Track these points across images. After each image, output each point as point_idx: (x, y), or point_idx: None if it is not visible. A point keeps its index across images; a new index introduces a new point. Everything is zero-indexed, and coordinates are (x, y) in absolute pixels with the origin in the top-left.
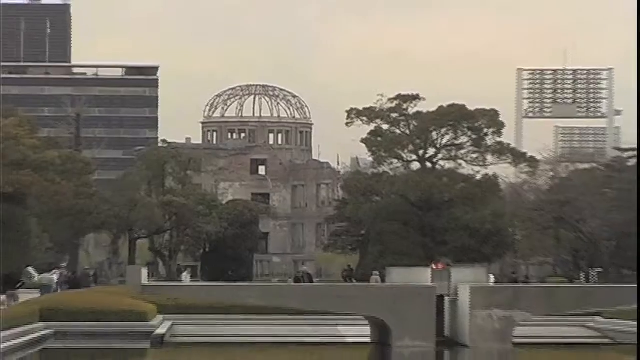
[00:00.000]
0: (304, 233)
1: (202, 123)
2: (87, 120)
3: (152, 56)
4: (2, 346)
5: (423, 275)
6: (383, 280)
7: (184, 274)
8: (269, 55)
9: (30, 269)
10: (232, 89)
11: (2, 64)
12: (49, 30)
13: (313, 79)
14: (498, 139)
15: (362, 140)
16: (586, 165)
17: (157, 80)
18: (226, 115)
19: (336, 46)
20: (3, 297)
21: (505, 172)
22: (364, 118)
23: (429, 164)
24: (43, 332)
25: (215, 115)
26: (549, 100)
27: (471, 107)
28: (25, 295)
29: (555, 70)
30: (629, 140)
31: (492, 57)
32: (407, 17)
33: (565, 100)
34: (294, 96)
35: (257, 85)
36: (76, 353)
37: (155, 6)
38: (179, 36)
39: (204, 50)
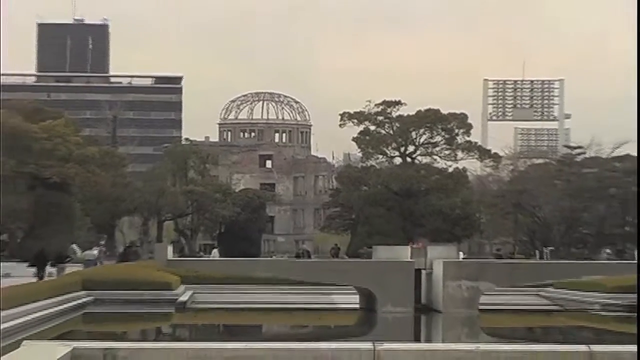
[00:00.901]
0: (304, 217)
1: (219, 124)
2: (121, 121)
3: (176, 68)
4: (53, 310)
5: (404, 253)
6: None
7: (215, 250)
8: (275, 68)
9: (74, 246)
10: (244, 95)
11: (50, 74)
12: (90, 46)
13: (312, 87)
14: (467, 138)
15: (353, 139)
16: (540, 161)
17: (181, 88)
18: (239, 117)
19: (331, 60)
20: (53, 269)
21: (472, 166)
22: (355, 120)
23: (408, 159)
24: (85, 299)
25: (229, 117)
26: (509, 106)
27: (444, 111)
28: (70, 268)
29: (515, 81)
30: (577, 140)
31: (462, 70)
32: (389, 36)
33: (524, 106)
34: (296, 102)
35: (265, 93)
36: (112, 317)
37: (179, 27)
38: (200, 51)
39: (221, 62)
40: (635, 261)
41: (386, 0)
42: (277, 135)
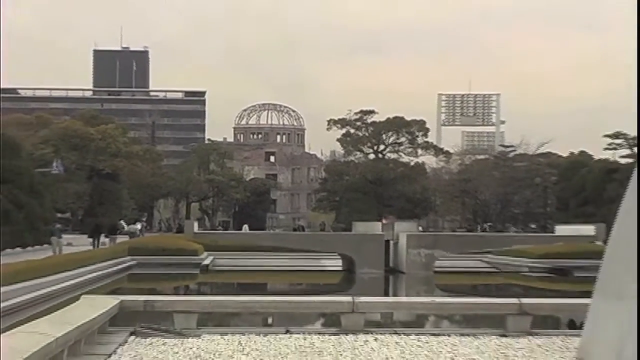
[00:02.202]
0: (299, 199)
1: (234, 128)
2: (158, 126)
3: (202, 84)
4: (105, 271)
5: (376, 227)
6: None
7: (245, 225)
8: (278, 85)
9: (122, 222)
10: (253, 105)
11: (103, 89)
12: (134, 67)
13: (306, 100)
14: (425, 139)
15: (337, 140)
16: (482, 157)
17: (204, 100)
18: (249, 123)
19: (322, 79)
20: (106, 240)
21: (429, 160)
22: (338, 125)
23: (380, 155)
24: (130, 263)
25: (242, 123)
26: (458, 114)
27: (408, 118)
28: (119, 239)
29: (462, 95)
30: (509, 140)
31: (423, 86)
32: (369, 61)
33: (469, 114)
34: (293, 111)
35: (269, 104)
36: (151, 277)
37: (203, 51)
38: (219, 70)
39: (236, 80)
40: (554, 234)
41: (368, 33)
42: (278, 136)
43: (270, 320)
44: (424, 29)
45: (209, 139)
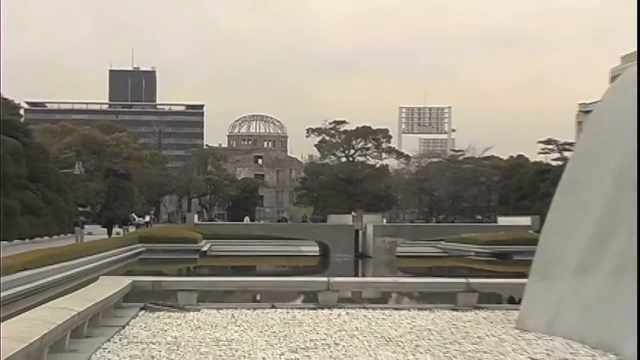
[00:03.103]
0: (283, 196)
1: (228, 135)
2: (164, 134)
3: (200, 98)
4: (119, 256)
5: (347, 219)
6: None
7: (246, 217)
8: (265, 99)
9: (133, 214)
10: (244, 117)
11: (118, 102)
12: (144, 84)
13: (288, 112)
14: (388, 145)
15: (315, 145)
16: (436, 160)
17: (203, 112)
18: (241, 131)
19: (304, 94)
20: (120, 230)
21: (392, 163)
22: (316, 133)
23: (350, 159)
24: (140, 249)
25: (235, 131)
26: (416, 123)
27: (374, 127)
28: (131, 228)
29: (420, 107)
30: (459, 146)
31: (387, 100)
32: (345, 78)
33: (425, 123)
34: (278, 121)
35: (257, 115)
36: (158, 261)
37: (203, 71)
38: (215, 87)
39: (230, 95)
40: (496, 224)
41: (343, 56)
42: (265, 143)
43: (258, 297)
44: (389, 51)
45: (206, 145)
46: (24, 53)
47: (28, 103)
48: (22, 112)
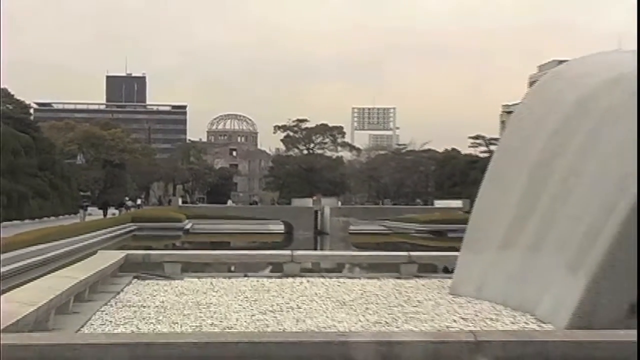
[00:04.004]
0: (254, 182)
1: (207, 131)
2: (153, 130)
3: (184, 99)
4: (115, 233)
5: (308, 202)
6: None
7: (230, 200)
8: (239, 100)
9: (127, 198)
10: (221, 115)
11: (113, 103)
12: (136, 88)
13: (258, 111)
14: (343, 140)
15: (281, 140)
16: (383, 152)
17: (186, 111)
18: (218, 128)
19: (271, 97)
20: (116, 211)
21: (346, 155)
22: (281, 129)
23: (311, 151)
24: (133, 227)
25: (213, 127)
26: (366, 122)
27: (331, 125)
28: (124, 211)
29: (369, 108)
30: (403, 140)
31: (342, 101)
32: (302, 84)
33: (374, 122)
34: (250, 119)
35: (232, 114)
36: (148, 237)
37: (188, 76)
38: (197, 89)
39: (209, 96)
40: (433, 206)
41: (305, 64)
42: (239, 138)
43: (233, 268)
44: (343, 60)
45: (189, 140)
46: (31, 59)
47: (37, 103)
48: (31, 111)
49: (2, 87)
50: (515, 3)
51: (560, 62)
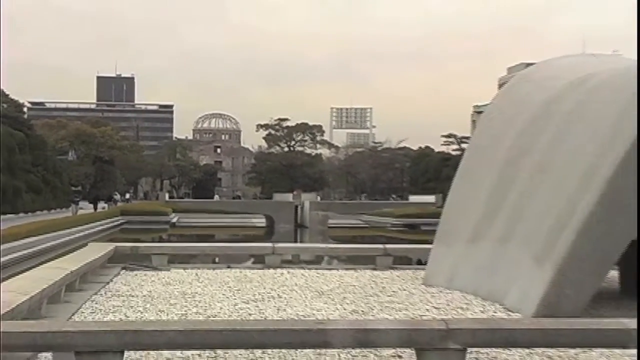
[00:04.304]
0: (237, 178)
1: (193, 129)
2: (141, 128)
3: (171, 99)
4: (104, 226)
5: (289, 197)
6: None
7: (216, 195)
8: (224, 100)
9: (116, 192)
10: (206, 114)
11: (104, 102)
12: (125, 88)
13: (242, 111)
14: (322, 138)
15: (263, 138)
16: (360, 150)
17: (172, 110)
18: (203, 126)
19: (252, 97)
20: (105, 205)
21: (325, 152)
22: (264, 128)
23: (291, 148)
24: (122, 221)
25: (198, 126)
26: (344, 121)
27: (311, 124)
28: (113, 205)
29: (347, 108)
30: (379, 139)
31: (321, 101)
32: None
33: (352, 121)
34: (233, 118)
35: (217, 113)
36: (136, 230)
37: (177, 76)
38: (184, 89)
39: (195, 96)
40: (408, 201)
41: (288, 64)
42: (223, 135)
43: (217, 260)
44: (323, 61)
45: (175, 137)
46: (29, 60)
47: (30, 103)
48: (25, 110)
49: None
50: (485, 10)
51: (528, 64)
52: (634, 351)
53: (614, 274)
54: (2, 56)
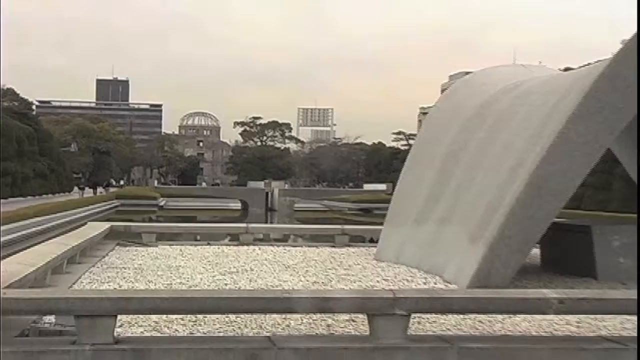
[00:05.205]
0: (217, 168)
1: (179, 126)
2: (134, 125)
3: (160, 99)
4: (101, 208)
5: (261, 185)
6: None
7: (204, 183)
8: (205, 99)
9: (112, 179)
10: (190, 112)
11: (101, 102)
12: (120, 89)
13: (223, 110)
14: (290, 134)
15: (239, 134)
16: (322, 144)
17: (162, 109)
18: (188, 123)
19: (232, 98)
20: (102, 190)
21: (292, 146)
22: (240, 125)
23: (264, 143)
24: (117, 204)
25: (184, 123)
26: (309, 119)
27: (280, 122)
28: (109, 190)
29: (312, 108)
30: (339, 135)
31: (288, 102)
32: (257, 89)
33: (315, 119)
34: (214, 116)
35: (199, 112)
36: (129, 212)
37: (164, 78)
38: (170, 91)
39: (181, 98)
40: (363, 189)
41: (262, 70)
42: (205, 131)
43: (198, 237)
44: (291, 67)
45: (164, 132)
46: (38, 64)
47: (38, 101)
48: (34, 107)
49: (9, 87)
50: (431, 25)
51: (467, 73)
52: (552, 316)
53: (536, 251)
54: (15, 61)
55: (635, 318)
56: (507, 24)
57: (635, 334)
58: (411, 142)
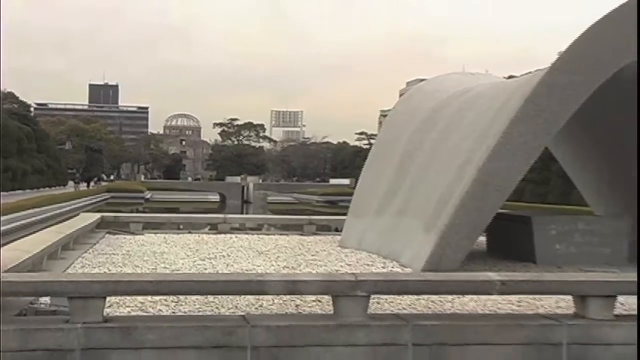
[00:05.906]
0: (198, 164)
1: (164, 126)
2: (123, 125)
3: (147, 102)
4: (93, 200)
5: (237, 179)
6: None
7: (189, 178)
8: (188, 102)
9: (103, 174)
10: (174, 114)
11: (94, 105)
12: (111, 93)
13: (204, 113)
14: (264, 134)
15: (218, 133)
16: (293, 143)
17: (148, 111)
18: (172, 124)
19: (213, 101)
20: (95, 184)
21: (266, 145)
22: (219, 125)
23: (240, 142)
24: (107, 196)
25: (168, 123)
26: (281, 120)
27: (255, 123)
28: (100, 184)
29: (284, 111)
30: (308, 135)
31: (263, 105)
32: (236, 92)
33: (287, 121)
34: (195, 117)
35: (182, 113)
36: (118, 204)
37: (153, 82)
38: (157, 94)
39: (166, 100)
40: (329, 184)
41: (238, 74)
42: (187, 131)
43: (181, 227)
44: (265, 71)
45: (150, 132)
46: (36, 69)
47: (36, 103)
48: (32, 109)
49: (9, 91)
50: (393, 36)
51: (422, 79)
52: (496, 296)
53: (482, 239)
54: (14, 65)
55: (570, 297)
56: (462, 36)
57: (569, 312)
58: (372, 141)
